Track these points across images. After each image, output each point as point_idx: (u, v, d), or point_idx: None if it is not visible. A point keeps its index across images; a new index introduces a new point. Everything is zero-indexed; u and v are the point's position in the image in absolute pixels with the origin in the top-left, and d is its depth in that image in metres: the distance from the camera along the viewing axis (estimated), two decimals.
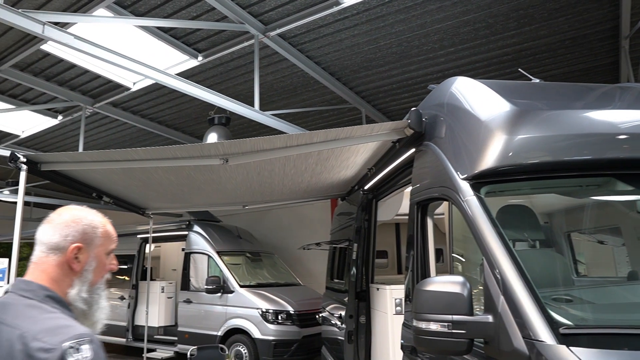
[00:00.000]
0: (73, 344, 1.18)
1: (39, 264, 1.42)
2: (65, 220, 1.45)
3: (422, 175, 3.38)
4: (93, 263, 1.46)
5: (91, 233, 1.46)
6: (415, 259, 3.29)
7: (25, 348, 1.18)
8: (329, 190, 6.00)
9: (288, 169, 4.40)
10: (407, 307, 3.36)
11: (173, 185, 4.62)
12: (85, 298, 1.44)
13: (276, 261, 10.87)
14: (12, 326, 1.25)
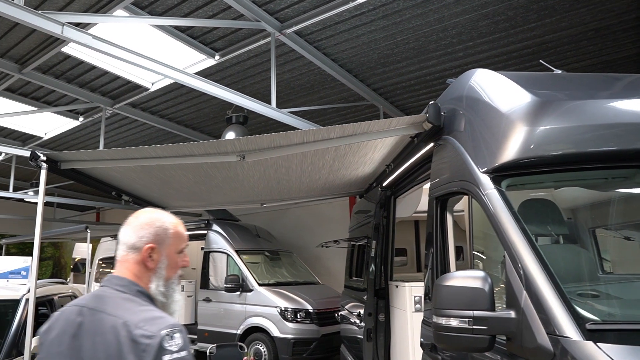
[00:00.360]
0: (168, 332, 1.40)
1: (122, 262, 1.62)
2: (140, 222, 1.63)
3: (441, 170, 3.32)
4: (165, 261, 1.62)
5: (162, 234, 1.62)
6: (434, 255, 3.24)
7: (130, 334, 1.39)
8: (347, 188, 5.96)
9: (305, 166, 4.38)
10: (426, 305, 3.30)
11: (191, 183, 4.63)
12: (162, 292, 1.62)
13: (295, 260, 10.87)
14: (114, 315, 1.45)
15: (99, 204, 14.92)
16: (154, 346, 1.37)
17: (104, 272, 12.49)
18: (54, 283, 6.17)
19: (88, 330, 1.47)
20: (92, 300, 1.56)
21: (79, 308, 1.55)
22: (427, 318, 3.24)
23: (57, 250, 21.36)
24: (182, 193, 5.23)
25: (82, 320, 1.50)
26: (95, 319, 1.48)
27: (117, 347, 1.39)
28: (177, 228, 1.68)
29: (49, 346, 1.52)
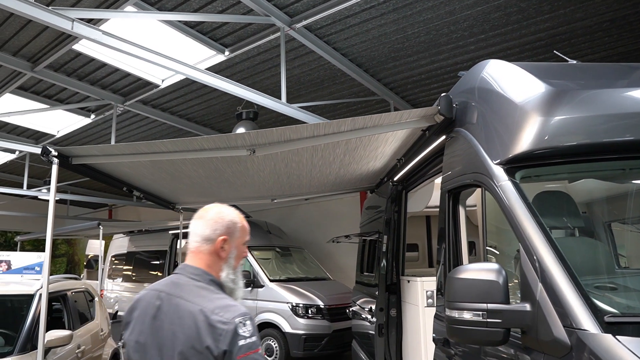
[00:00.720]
0: (241, 320, 1.57)
1: (196, 252, 1.78)
2: (213, 217, 1.79)
3: (453, 163, 3.27)
4: (234, 251, 1.80)
5: (233, 227, 1.79)
6: (446, 249, 3.20)
7: (207, 320, 1.56)
8: (358, 183, 5.92)
9: (316, 160, 4.35)
10: (439, 300, 3.27)
11: (201, 178, 4.63)
12: (232, 279, 1.79)
13: (306, 256, 10.86)
14: (191, 302, 1.63)
15: (111, 200, 15.04)
16: (230, 331, 1.54)
17: (117, 268, 12.60)
18: (67, 279, 6.21)
19: (166, 314, 1.66)
20: (168, 286, 1.74)
21: (158, 292, 1.74)
22: (439, 313, 3.21)
23: (70, 247, 21.59)
24: (193, 189, 5.24)
25: (161, 304, 1.69)
26: (173, 304, 1.66)
27: (195, 331, 1.56)
28: (243, 222, 1.85)
29: (134, 324, 1.73)
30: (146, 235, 11.95)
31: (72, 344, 4.91)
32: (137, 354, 1.69)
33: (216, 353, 1.53)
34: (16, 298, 4.85)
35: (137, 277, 11.87)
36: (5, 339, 4.31)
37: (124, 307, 11.62)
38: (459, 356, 2.78)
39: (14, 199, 17.66)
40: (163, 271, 11.11)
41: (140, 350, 1.67)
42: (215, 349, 1.53)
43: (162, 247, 11.34)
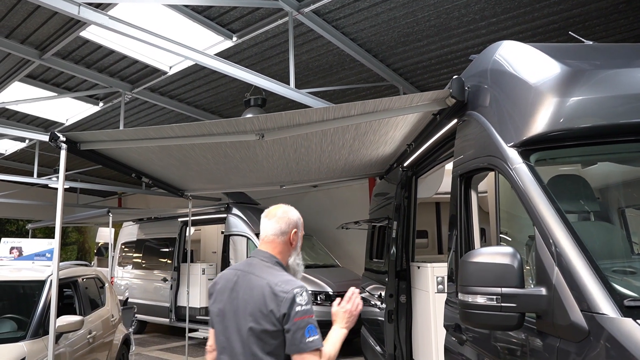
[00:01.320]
0: (299, 291, 2.01)
1: (269, 242, 2.25)
2: (282, 215, 2.27)
3: (465, 147, 3.22)
4: (299, 241, 2.31)
5: (298, 222, 2.31)
6: (458, 235, 3.16)
7: (272, 290, 2.03)
8: (367, 169, 5.88)
9: (325, 145, 4.31)
10: (450, 287, 3.24)
11: (210, 164, 4.60)
12: (297, 263, 2.30)
13: (314, 243, 10.86)
14: (261, 277, 2.11)
15: (120, 188, 15.10)
16: (289, 299, 1.98)
17: (127, 256, 12.69)
18: (78, 265, 6.26)
19: (241, 286, 2.14)
20: (244, 266, 2.24)
21: (235, 271, 2.24)
22: (450, 298, 3.17)
23: (81, 235, 21.79)
24: (201, 175, 5.22)
25: (237, 279, 2.18)
26: (247, 278, 2.15)
27: (262, 297, 2.03)
28: (301, 218, 2.37)
29: (216, 295, 2.22)
30: (155, 223, 12.00)
31: (83, 330, 4.95)
32: (218, 318, 2.17)
33: (278, 315, 1.99)
34: (28, 284, 4.90)
35: (146, 264, 11.95)
36: (17, 324, 4.35)
37: (134, 294, 11.75)
38: (470, 341, 2.75)
39: (25, 188, 17.84)
40: (172, 258, 11.16)
41: (221, 315, 2.15)
42: (277, 312, 1.98)
43: (171, 234, 11.38)
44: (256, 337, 2.02)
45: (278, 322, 1.99)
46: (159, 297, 11.18)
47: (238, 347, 2.06)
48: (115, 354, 6.12)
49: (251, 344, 2.03)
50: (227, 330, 2.10)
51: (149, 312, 11.26)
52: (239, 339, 2.06)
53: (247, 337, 2.03)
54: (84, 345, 5.02)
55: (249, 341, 2.03)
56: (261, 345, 2.01)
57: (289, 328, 1.97)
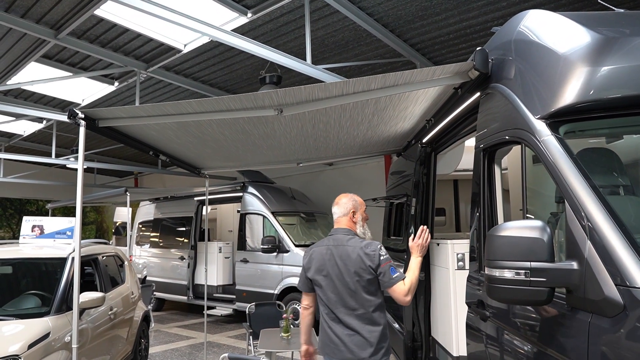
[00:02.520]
0: (379, 248, 2.97)
1: (341, 221, 3.17)
2: (342, 202, 3.20)
3: (489, 120, 3.14)
4: (359, 216, 3.19)
5: (355, 204, 3.19)
6: (481, 211, 3.09)
7: (364, 252, 2.94)
8: (385, 146, 5.80)
9: (344, 121, 4.25)
10: (471, 264, 3.19)
11: (228, 141, 4.57)
12: (363, 231, 3.18)
13: (330, 221, 10.81)
14: (351, 246, 2.99)
15: (136, 168, 15.22)
16: (377, 254, 2.93)
17: (144, 235, 12.83)
18: (98, 243, 6.34)
19: (337, 255, 2.98)
20: (331, 241, 3.08)
21: (326, 247, 3.06)
22: (473, 275, 3.13)
23: (99, 215, 22.12)
24: (219, 152, 5.19)
25: (331, 251, 3.01)
26: (340, 249, 3.00)
27: (359, 258, 2.92)
28: (360, 200, 3.26)
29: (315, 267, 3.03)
30: (172, 202, 12.09)
31: (104, 306, 5.03)
32: (326, 281, 2.97)
33: (373, 267, 2.90)
34: (50, 261, 4.97)
35: (164, 243, 12.08)
36: (41, 300, 4.43)
37: (152, 272, 11.92)
38: (493, 317, 2.72)
39: (43, 169, 18.10)
40: (189, 237, 11.26)
41: (328, 278, 2.96)
42: (372, 265, 2.90)
43: (187, 213, 11.47)
44: (362, 286, 2.91)
45: (373, 271, 2.90)
46: (177, 275, 11.33)
47: (349, 297, 2.92)
48: (136, 330, 6.23)
49: (359, 292, 2.91)
50: (337, 288, 2.93)
51: (167, 290, 11.42)
52: (348, 292, 2.92)
53: (356, 288, 2.90)
54: (106, 321, 5.10)
55: (357, 290, 2.91)
56: (366, 290, 2.91)
57: (380, 272, 2.89)
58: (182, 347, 7.96)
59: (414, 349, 4.94)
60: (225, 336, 8.80)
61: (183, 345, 8.15)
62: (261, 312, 6.38)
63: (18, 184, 17.62)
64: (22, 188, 18.92)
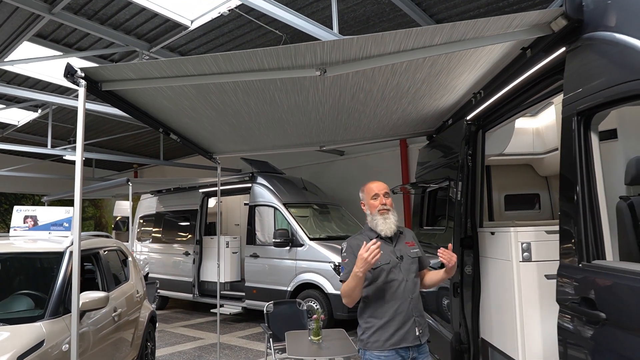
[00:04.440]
0: (346, 241, 2.89)
1: None
2: None
3: (585, 77, 2.54)
4: (367, 206, 2.91)
5: (362, 194, 2.97)
6: (578, 189, 2.50)
7: None
8: (419, 126, 5.21)
9: (388, 91, 3.64)
10: (565, 256, 2.60)
11: (251, 114, 3.93)
12: (374, 223, 2.84)
13: (344, 213, 10.26)
14: None
15: (137, 160, 14.56)
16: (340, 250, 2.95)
17: (145, 230, 12.21)
18: (98, 236, 5.70)
19: None
20: None
21: None
22: (570, 266, 2.53)
23: (97, 209, 21.46)
24: (237, 131, 4.56)
25: None
26: None
27: None
28: (367, 186, 2.95)
29: None
30: (175, 195, 11.47)
31: (107, 307, 4.41)
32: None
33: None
34: (45, 256, 4.34)
35: (167, 238, 11.47)
36: (34, 302, 3.81)
37: (155, 269, 11.32)
38: (617, 321, 2.11)
39: (38, 162, 17.43)
40: (194, 232, 10.66)
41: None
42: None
43: (192, 206, 10.86)
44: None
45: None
46: (181, 272, 10.73)
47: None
48: (142, 332, 5.62)
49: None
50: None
51: (171, 287, 10.82)
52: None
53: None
54: (109, 323, 4.49)
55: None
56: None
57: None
58: (189, 349, 7.36)
59: (461, 352, 4.36)
60: (236, 336, 8.20)
61: (191, 347, 7.55)
62: (280, 311, 5.78)
63: (13, 178, 16.98)
64: (17, 182, 18.27)
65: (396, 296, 2.78)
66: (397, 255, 2.85)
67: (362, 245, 2.53)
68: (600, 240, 2.46)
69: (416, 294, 2.91)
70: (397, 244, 2.88)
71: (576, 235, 2.50)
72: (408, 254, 2.90)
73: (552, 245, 3.64)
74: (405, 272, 2.80)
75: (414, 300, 2.85)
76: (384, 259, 2.77)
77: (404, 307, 2.80)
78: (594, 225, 2.46)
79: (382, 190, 2.88)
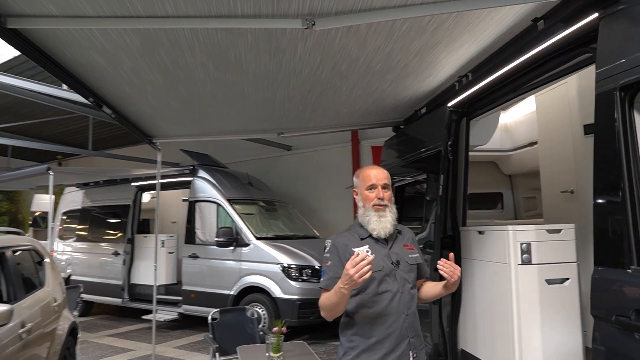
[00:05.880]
0: (330, 240, 2.26)
1: None
2: None
3: (626, 47, 2.13)
4: (361, 197, 2.31)
5: (355, 180, 2.37)
6: (623, 180, 2.07)
7: None
8: (390, 114, 4.72)
9: (375, 63, 3.08)
10: (602, 262, 2.15)
11: (209, 84, 3.21)
12: (365, 219, 2.25)
13: (291, 212, 9.63)
14: None
15: (62, 149, 13.11)
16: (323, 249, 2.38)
17: (69, 227, 10.98)
18: (7, 232, 4.73)
19: None
20: None
21: None
22: (608, 276, 2.08)
23: (13, 204, 19.43)
24: (187, 108, 3.80)
25: None
26: None
27: None
28: (362, 174, 2.36)
29: None
30: (104, 188, 10.34)
31: (12, 322, 3.53)
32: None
33: None
34: None
35: (93, 236, 10.32)
36: None
37: (78, 270, 10.18)
38: None
39: None
40: (125, 229, 9.63)
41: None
42: None
43: (123, 201, 9.81)
44: None
45: None
46: (109, 274, 9.66)
47: None
48: (60, 347, 4.70)
49: None
50: None
51: (96, 291, 9.70)
52: None
53: None
54: (13, 341, 3.58)
55: None
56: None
57: None
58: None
59: None
60: (172, 347, 7.35)
61: (119, 359, 6.65)
62: (227, 320, 5.07)
63: None
64: None
65: (388, 311, 2.17)
66: (392, 260, 2.22)
67: (349, 244, 2.17)
68: None
69: (412, 309, 2.27)
70: (394, 246, 2.26)
71: (622, 233, 2.05)
72: (406, 259, 2.28)
73: (553, 247, 3.24)
74: (401, 282, 2.19)
75: (410, 316, 2.23)
76: (376, 265, 2.14)
77: (398, 325, 2.17)
78: None
79: (382, 180, 2.28)
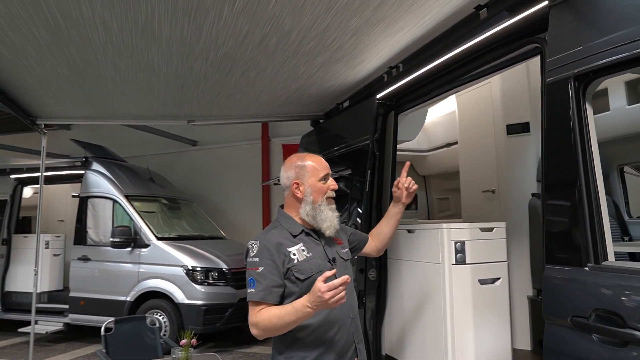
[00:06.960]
0: (256, 241, 1.92)
1: (285, 197, 2.10)
2: (284, 166, 2.07)
3: (579, 35, 2.04)
4: (309, 190, 1.98)
5: (298, 171, 2.01)
6: (576, 178, 1.96)
7: None
8: (311, 106, 4.45)
9: (307, 40, 2.76)
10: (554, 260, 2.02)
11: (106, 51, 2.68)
12: (312, 215, 1.97)
13: (196, 210, 9.02)
14: None
15: None
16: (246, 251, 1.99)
17: None
18: None
19: None
20: None
21: None
22: (572, 271, 1.95)
23: None
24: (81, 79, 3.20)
25: None
26: None
27: None
28: (311, 162, 2.02)
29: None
30: None
31: None
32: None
33: None
34: None
35: None
36: None
37: None
38: None
39: None
40: (1, 228, 8.42)
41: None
42: None
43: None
44: None
45: None
46: None
47: None
48: None
49: None
50: None
51: None
52: None
53: None
54: None
55: None
56: None
57: None
58: None
59: None
60: None
61: None
62: (123, 330, 4.46)
63: None
64: None
65: (333, 317, 1.91)
66: (329, 257, 1.99)
67: (283, 243, 1.90)
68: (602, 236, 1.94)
69: (356, 311, 2.08)
70: (327, 242, 2.02)
71: (578, 230, 1.93)
72: (340, 254, 2.07)
73: (486, 245, 3.15)
74: None
75: (355, 320, 2.03)
76: (314, 265, 1.91)
77: (344, 331, 1.95)
78: (599, 218, 1.93)
79: (328, 169, 2.07)
